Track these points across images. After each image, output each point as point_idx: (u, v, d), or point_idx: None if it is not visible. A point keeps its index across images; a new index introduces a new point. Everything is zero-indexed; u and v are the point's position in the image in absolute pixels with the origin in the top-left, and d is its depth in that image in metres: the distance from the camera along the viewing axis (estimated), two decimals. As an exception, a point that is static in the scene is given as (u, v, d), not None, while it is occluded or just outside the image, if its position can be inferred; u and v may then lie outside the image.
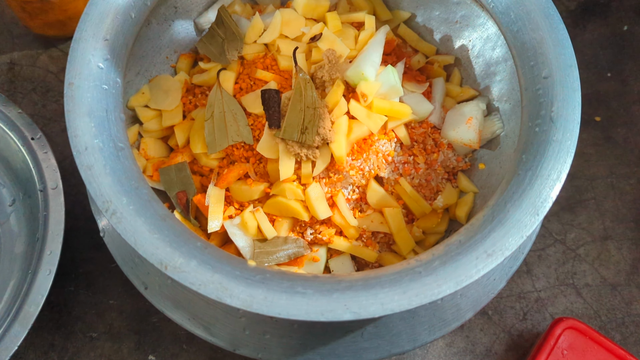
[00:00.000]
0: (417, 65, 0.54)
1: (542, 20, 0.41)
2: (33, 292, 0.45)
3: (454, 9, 0.53)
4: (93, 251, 0.52)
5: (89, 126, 0.37)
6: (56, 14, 0.56)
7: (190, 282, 0.33)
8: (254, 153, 0.48)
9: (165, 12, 0.52)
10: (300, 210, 0.46)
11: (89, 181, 0.36)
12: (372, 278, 0.34)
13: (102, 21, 0.41)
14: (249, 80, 0.50)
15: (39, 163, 0.49)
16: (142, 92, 0.51)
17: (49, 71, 0.61)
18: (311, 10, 0.51)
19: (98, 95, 0.38)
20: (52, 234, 0.46)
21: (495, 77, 0.52)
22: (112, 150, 0.37)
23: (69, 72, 0.39)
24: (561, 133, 0.37)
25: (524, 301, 0.53)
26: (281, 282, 0.34)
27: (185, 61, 0.54)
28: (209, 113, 0.48)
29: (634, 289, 0.54)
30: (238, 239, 0.46)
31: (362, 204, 0.48)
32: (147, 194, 0.37)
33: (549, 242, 0.55)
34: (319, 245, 0.48)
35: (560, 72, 0.40)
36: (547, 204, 0.36)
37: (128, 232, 0.34)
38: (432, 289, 0.33)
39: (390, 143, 0.48)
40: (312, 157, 0.46)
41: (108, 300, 0.51)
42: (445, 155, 0.50)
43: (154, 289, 0.42)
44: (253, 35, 0.51)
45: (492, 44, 0.51)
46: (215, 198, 0.47)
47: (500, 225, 0.35)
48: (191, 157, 0.50)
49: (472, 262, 0.34)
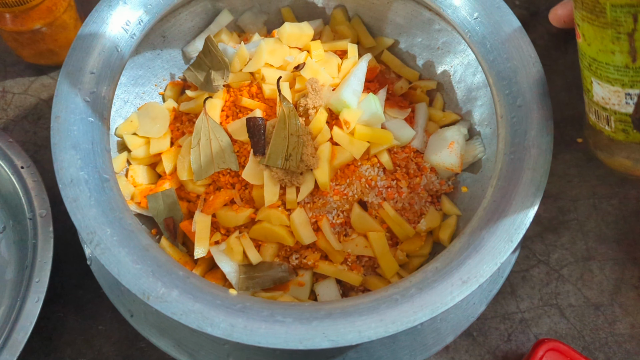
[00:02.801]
0: (400, 90, 0.56)
1: (515, 51, 0.42)
2: (22, 319, 0.45)
3: (435, 35, 0.54)
4: (82, 277, 0.53)
5: (75, 159, 0.38)
6: (47, 43, 0.58)
7: (172, 312, 0.34)
8: (240, 179, 0.49)
9: (153, 41, 0.53)
10: (285, 235, 0.47)
11: (74, 213, 0.36)
12: (351, 306, 0.35)
13: (89, 55, 0.42)
14: (234, 108, 0.51)
15: (28, 191, 0.50)
16: (131, 120, 0.52)
17: (40, 99, 0.62)
18: (295, 39, 0.52)
19: (84, 128, 0.40)
20: (41, 261, 0.47)
21: (477, 101, 0.53)
22: (97, 182, 0.38)
23: (55, 105, 0.40)
24: (534, 161, 0.38)
25: (508, 322, 0.54)
26: (261, 311, 0.35)
27: (173, 89, 0.55)
28: (195, 140, 0.49)
29: (617, 309, 0.54)
30: (224, 264, 0.47)
31: (347, 228, 0.49)
32: (131, 224, 0.37)
33: (532, 262, 0.56)
34: (304, 270, 0.49)
35: (534, 101, 0.41)
36: (521, 230, 0.37)
37: (111, 263, 0.35)
38: (409, 316, 0.34)
39: (374, 168, 0.49)
40: (296, 183, 0.47)
41: (97, 326, 0.52)
42: (429, 179, 0.51)
43: (140, 316, 0.43)
44: (239, 64, 0.52)
45: (472, 69, 0.53)
46: (202, 224, 0.48)
47: (475, 252, 0.36)
48: (178, 184, 0.51)
49: (448, 289, 0.35)
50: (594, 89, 0.37)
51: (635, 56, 0.33)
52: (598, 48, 0.34)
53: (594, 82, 0.36)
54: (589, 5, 0.34)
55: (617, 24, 0.32)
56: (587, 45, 0.36)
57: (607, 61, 0.34)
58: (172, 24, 0.53)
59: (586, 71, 0.37)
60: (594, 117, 0.38)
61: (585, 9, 0.34)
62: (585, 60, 0.37)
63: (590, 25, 0.34)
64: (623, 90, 0.34)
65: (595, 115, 0.38)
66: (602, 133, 0.38)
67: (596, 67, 0.35)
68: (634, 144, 0.37)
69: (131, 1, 0.45)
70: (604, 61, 0.34)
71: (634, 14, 0.31)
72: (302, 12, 0.57)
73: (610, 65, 0.34)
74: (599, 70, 0.35)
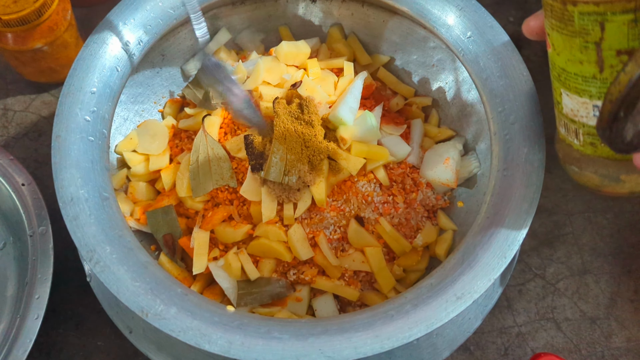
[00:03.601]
0: (396, 107, 0.56)
1: (508, 69, 0.43)
2: (21, 336, 0.46)
3: (430, 53, 0.55)
4: (81, 293, 0.53)
5: (75, 177, 0.39)
6: (49, 62, 0.59)
7: (170, 329, 0.35)
8: (238, 196, 0.49)
9: (153, 59, 0.54)
10: (283, 251, 0.48)
11: (74, 231, 0.37)
12: (347, 322, 0.35)
13: (89, 75, 0.43)
14: (232, 126, 0.52)
15: (29, 208, 0.50)
16: (130, 138, 0.52)
17: (41, 116, 0.62)
18: (292, 57, 0.53)
19: (84, 147, 0.40)
20: (41, 278, 0.47)
21: (472, 117, 0.53)
22: (97, 200, 0.39)
23: (56, 125, 0.40)
24: (527, 178, 0.39)
25: (505, 336, 0.54)
26: (258, 328, 0.35)
27: (172, 106, 0.56)
28: (194, 157, 0.50)
29: (612, 323, 0.55)
30: (222, 280, 0.48)
31: (344, 243, 0.50)
32: (130, 242, 0.38)
33: (528, 276, 0.57)
34: (302, 285, 0.49)
35: (526, 119, 0.41)
36: (515, 246, 0.37)
37: (111, 281, 0.36)
38: (404, 332, 0.35)
39: (370, 184, 0.50)
40: (293, 200, 0.48)
41: (96, 342, 0.52)
42: (425, 194, 0.52)
43: (138, 332, 0.43)
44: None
45: (467, 86, 0.53)
46: (200, 241, 0.48)
47: (470, 268, 0.37)
48: (177, 200, 0.51)
49: (442, 305, 0.35)
50: (563, 100, 0.36)
51: (602, 66, 0.32)
52: (567, 57, 0.34)
53: (563, 93, 0.36)
54: (558, 13, 0.33)
55: (584, 32, 0.32)
56: (557, 55, 0.35)
57: (575, 71, 0.34)
58: (171, 42, 0.54)
59: (556, 82, 0.37)
60: (564, 130, 0.38)
61: (555, 17, 0.34)
62: (555, 70, 0.36)
63: (559, 33, 0.34)
64: (591, 101, 0.34)
65: (565, 128, 0.38)
66: (572, 147, 0.38)
67: (565, 77, 0.35)
68: (602, 158, 0.36)
69: (131, 22, 0.46)
70: (573, 71, 0.34)
71: (601, 22, 0.31)
72: (299, 30, 0.58)
73: (579, 75, 0.34)
74: (568, 81, 0.35)
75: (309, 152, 0.48)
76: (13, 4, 0.52)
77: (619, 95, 0.29)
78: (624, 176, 0.36)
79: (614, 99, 0.29)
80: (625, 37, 0.31)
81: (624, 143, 0.31)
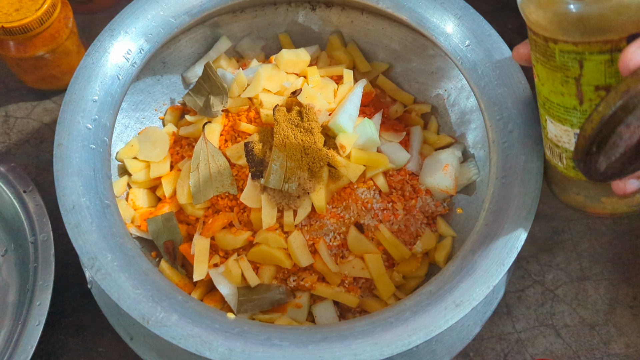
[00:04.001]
0: (396, 114, 0.57)
1: (506, 77, 0.44)
2: (23, 342, 0.46)
3: (429, 60, 0.56)
4: (82, 299, 0.54)
5: (77, 185, 0.39)
6: (50, 69, 0.59)
7: (171, 336, 0.35)
8: (238, 203, 0.49)
9: (154, 67, 0.54)
10: (283, 258, 0.48)
11: (76, 239, 0.37)
12: (346, 329, 0.36)
13: (91, 83, 0.43)
14: (233, 133, 0.52)
15: (30, 215, 0.50)
16: (131, 145, 0.53)
17: (43, 123, 0.63)
18: (292, 65, 0.54)
19: (86, 155, 0.41)
20: (42, 285, 0.47)
21: (470, 125, 0.54)
22: (98, 208, 0.39)
23: (58, 133, 0.41)
24: (525, 186, 0.39)
25: (504, 342, 0.54)
26: (258, 335, 0.35)
27: (173, 113, 0.57)
28: (194, 164, 0.50)
29: (611, 329, 0.55)
30: (223, 287, 0.48)
31: (344, 250, 0.50)
32: (131, 249, 0.38)
33: (528, 283, 0.57)
34: (302, 292, 0.49)
35: (525, 127, 0.42)
36: (513, 254, 0.37)
37: (112, 288, 0.36)
38: (403, 339, 0.35)
39: (369, 191, 0.50)
40: (293, 206, 0.48)
41: (97, 349, 0.52)
42: (424, 201, 0.52)
43: (139, 339, 0.43)
44: (237, 89, 0.53)
45: (466, 93, 0.54)
46: (201, 247, 0.48)
47: (468, 275, 0.37)
48: (178, 207, 0.52)
49: (441, 313, 0.35)
50: (548, 126, 0.38)
51: (582, 99, 0.34)
52: (550, 89, 0.36)
53: (547, 120, 0.38)
54: (541, 48, 0.35)
55: (565, 68, 0.34)
56: (542, 85, 0.37)
57: (557, 102, 0.36)
58: (172, 50, 0.55)
59: (541, 109, 0.39)
60: (549, 152, 0.40)
61: (539, 51, 0.36)
62: (540, 98, 0.38)
63: (543, 67, 0.36)
64: (572, 130, 0.36)
65: (550, 151, 0.39)
66: (556, 169, 0.40)
67: (549, 106, 0.37)
68: (583, 181, 0.38)
69: (132, 31, 0.46)
70: (555, 101, 0.36)
71: (580, 61, 0.33)
72: (299, 38, 0.59)
73: (561, 105, 0.36)
74: (552, 109, 0.37)
75: (309, 159, 0.48)
76: (15, 12, 0.52)
77: (592, 132, 0.30)
78: (604, 199, 0.38)
79: (587, 135, 0.31)
80: (603, 75, 0.32)
81: (598, 174, 0.32)
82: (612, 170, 0.32)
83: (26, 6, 0.52)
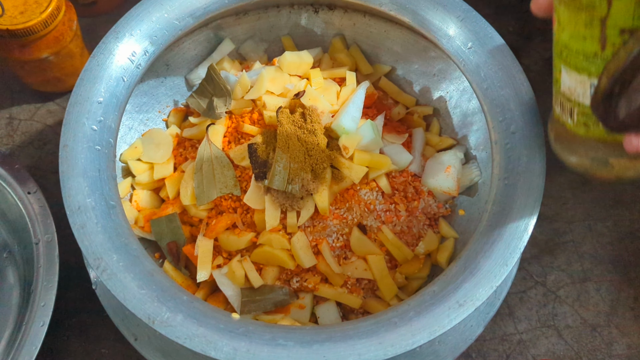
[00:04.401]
0: (398, 116, 0.57)
1: (508, 79, 0.44)
2: (27, 343, 0.46)
3: (431, 62, 0.56)
4: (86, 300, 0.54)
5: (82, 186, 0.39)
6: (54, 71, 0.59)
7: (176, 336, 0.35)
8: (242, 204, 0.50)
9: (157, 69, 0.55)
10: (286, 259, 0.48)
11: (81, 239, 0.38)
12: (350, 329, 0.36)
13: (96, 85, 0.43)
14: (236, 134, 0.52)
15: (34, 217, 0.51)
16: (135, 147, 0.53)
17: (46, 125, 0.63)
18: (295, 67, 0.54)
19: (91, 156, 0.41)
20: (46, 285, 0.48)
21: (472, 126, 0.54)
22: (103, 209, 0.39)
23: (63, 134, 0.41)
24: (528, 187, 0.40)
25: (506, 343, 0.54)
26: (263, 335, 0.35)
27: (177, 115, 0.57)
28: (198, 166, 0.51)
29: (613, 330, 0.55)
30: (226, 287, 0.48)
31: (346, 251, 0.50)
32: (136, 249, 0.39)
33: (529, 284, 0.57)
34: (305, 293, 0.49)
35: (527, 128, 0.42)
36: (516, 254, 0.38)
37: (117, 288, 0.36)
38: (407, 339, 0.35)
39: (372, 192, 0.51)
40: (296, 208, 0.48)
41: (100, 349, 0.53)
42: (426, 202, 0.52)
43: (144, 340, 0.44)
44: (240, 91, 0.53)
45: (468, 95, 0.54)
46: (204, 248, 0.49)
47: (472, 276, 0.37)
48: (181, 208, 0.52)
49: (445, 313, 0.36)
50: (562, 78, 0.37)
51: (604, 44, 0.32)
52: (571, 33, 0.34)
53: (562, 70, 0.36)
54: None
55: (591, 7, 0.32)
56: (562, 30, 0.36)
57: (577, 48, 0.34)
58: (175, 52, 0.55)
59: (557, 59, 0.37)
60: (559, 109, 0.38)
61: None
62: (558, 47, 0.37)
63: (566, 8, 0.34)
64: (589, 79, 0.34)
65: (560, 106, 0.38)
66: (565, 127, 0.38)
67: (567, 54, 0.35)
68: (593, 140, 0.36)
69: (137, 33, 0.47)
70: (575, 48, 0.34)
71: None
72: (301, 41, 0.59)
73: (580, 52, 0.34)
74: (569, 57, 0.35)
75: (312, 160, 0.49)
76: (20, 14, 0.53)
77: (617, 70, 0.29)
78: (613, 160, 0.37)
79: (611, 74, 0.29)
80: (631, 15, 0.31)
81: (616, 121, 0.31)
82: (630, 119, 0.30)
83: (31, 9, 0.53)
